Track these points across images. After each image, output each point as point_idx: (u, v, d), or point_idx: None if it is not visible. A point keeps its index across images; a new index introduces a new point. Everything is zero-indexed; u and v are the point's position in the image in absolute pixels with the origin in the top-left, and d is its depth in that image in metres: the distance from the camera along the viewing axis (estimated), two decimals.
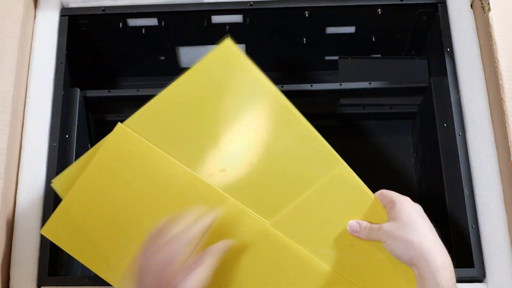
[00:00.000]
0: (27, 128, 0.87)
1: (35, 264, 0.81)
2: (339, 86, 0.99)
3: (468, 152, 0.85)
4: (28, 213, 0.83)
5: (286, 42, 1.05)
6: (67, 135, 0.91)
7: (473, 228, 0.81)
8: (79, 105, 0.95)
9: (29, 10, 0.92)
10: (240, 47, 1.05)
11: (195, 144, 0.74)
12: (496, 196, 0.81)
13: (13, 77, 0.84)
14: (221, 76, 0.75)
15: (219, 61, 0.75)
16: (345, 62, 1.05)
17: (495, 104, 0.84)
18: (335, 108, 1.07)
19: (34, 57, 0.91)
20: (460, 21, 0.92)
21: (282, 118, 0.75)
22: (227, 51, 0.75)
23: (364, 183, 0.75)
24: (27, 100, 0.89)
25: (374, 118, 1.08)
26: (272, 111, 0.75)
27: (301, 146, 0.74)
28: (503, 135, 0.80)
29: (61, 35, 0.94)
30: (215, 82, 0.75)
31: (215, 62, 0.75)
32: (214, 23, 0.99)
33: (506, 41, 0.81)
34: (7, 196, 0.80)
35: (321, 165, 0.74)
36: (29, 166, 0.85)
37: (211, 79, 0.75)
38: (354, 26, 1.01)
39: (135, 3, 0.96)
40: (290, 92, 0.98)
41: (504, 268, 0.78)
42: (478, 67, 0.89)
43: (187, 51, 1.08)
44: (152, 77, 1.13)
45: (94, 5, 0.96)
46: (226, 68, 0.75)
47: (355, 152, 1.08)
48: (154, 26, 0.99)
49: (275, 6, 0.96)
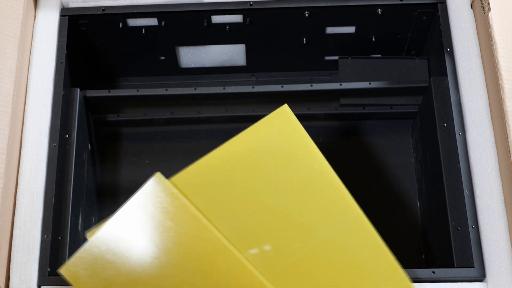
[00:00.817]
0: (27, 128, 0.87)
1: (35, 264, 0.81)
2: (339, 86, 0.99)
3: (468, 152, 0.85)
4: (28, 213, 0.83)
5: (286, 42, 1.05)
6: (67, 135, 0.91)
7: (473, 228, 0.81)
8: (79, 105, 0.95)
9: (29, 10, 0.92)
10: (240, 47, 1.06)
11: (239, 213, 0.70)
12: (496, 196, 0.81)
13: (13, 77, 0.84)
14: (274, 144, 0.71)
15: (274, 127, 0.71)
16: (345, 62, 1.05)
17: (495, 104, 0.84)
18: (335, 108, 1.07)
19: (34, 57, 0.91)
20: (460, 21, 0.92)
21: (333, 200, 0.71)
22: (283, 117, 0.71)
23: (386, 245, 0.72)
24: (27, 100, 0.89)
25: (374, 118, 1.08)
26: (324, 192, 0.71)
27: (350, 234, 0.70)
28: (503, 135, 0.80)
29: (61, 35, 0.94)
30: (267, 149, 0.71)
31: (270, 128, 0.71)
32: (214, 23, 0.99)
33: (506, 41, 0.81)
34: (7, 196, 0.80)
35: (369, 257, 0.70)
36: (29, 166, 0.85)
37: (263, 145, 0.71)
38: (354, 26, 1.01)
39: (135, 3, 0.96)
40: (290, 92, 0.99)
41: (504, 268, 0.78)
42: (478, 67, 0.89)
43: (187, 51, 1.08)
44: (152, 77, 1.13)
45: (94, 5, 0.96)
46: (280, 136, 0.71)
47: (355, 152, 1.08)
48: (154, 26, 0.99)
49: (275, 6, 0.96)
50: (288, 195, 0.70)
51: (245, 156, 0.71)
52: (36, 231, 0.82)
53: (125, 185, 1.07)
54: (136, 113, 1.09)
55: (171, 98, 1.01)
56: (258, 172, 0.71)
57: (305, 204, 0.70)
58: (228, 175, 0.71)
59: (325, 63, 1.10)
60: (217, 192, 0.70)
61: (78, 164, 0.93)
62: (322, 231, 0.70)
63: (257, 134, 0.71)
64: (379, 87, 0.99)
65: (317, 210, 0.70)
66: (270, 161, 0.71)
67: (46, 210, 0.83)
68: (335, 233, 0.70)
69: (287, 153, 0.71)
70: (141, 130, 1.11)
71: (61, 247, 0.86)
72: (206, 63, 1.10)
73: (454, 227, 0.85)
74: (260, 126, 0.72)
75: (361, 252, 0.71)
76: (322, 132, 1.10)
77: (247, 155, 0.71)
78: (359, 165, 1.07)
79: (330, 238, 0.70)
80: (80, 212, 0.94)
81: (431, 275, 0.79)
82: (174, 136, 1.10)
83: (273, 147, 0.71)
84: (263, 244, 0.69)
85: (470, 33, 0.91)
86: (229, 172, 0.71)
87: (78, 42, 1.01)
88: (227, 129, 1.08)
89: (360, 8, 0.96)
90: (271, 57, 1.09)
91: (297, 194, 0.70)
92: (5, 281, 0.79)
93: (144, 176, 1.07)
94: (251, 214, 0.69)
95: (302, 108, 1.08)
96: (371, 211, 1.03)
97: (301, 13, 0.97)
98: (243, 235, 0.69)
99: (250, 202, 0.70)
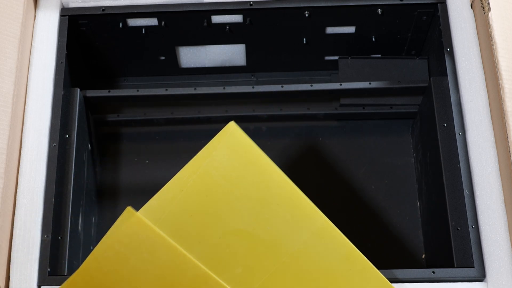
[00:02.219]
0: (27, 128, 0.87)
1: (35, 264, 0.81)
2: (339, 86, 0.99)
3: (468, 152, 0.85)
4: (28, 213, 0.83)
5: (286, 42, 1.05)
6: (67, 135, 0.91)
7: (473, 228, 0.81)
8: (79, 105, 0.95)
9: (29, 10, 0.92)
10: (240, 47, 1.06)
11: (204, 241, 0.68)
12: (496, 196, 0.81)
13: (13, 77, 0.84)
14: (227, 164, 0.69)
15: (223, 148, 0.69)
16: (345, 62, 1.05)
17: (495, 104, 0.84)
18: (335, 108, 1.07)
19: (34, 57, 0.91)
20: (460, 21, 0.92)
21: (295, 211, 0.69)
22: (231, 136, 0.69)
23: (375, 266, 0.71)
24: (27, 100, 0.89)
25: (374, 118, 1.08)
26: (285, 204, 0.69)
27: (318, 242, 0.69)
28: (503, 135, 0.80)
29: (61, 35, 0.94)
30: (221, 171, 0.69)
31: (220, 149, 0.69)
32: (214, 23, 0.99)
33: (506, 41, 0.81)
34: (7, 196, 0.80)
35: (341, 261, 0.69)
36: (29, 166, 0.85)
37: (216, 168, 0.69)
38: (354, 26, 1.01)
39: (135, 3, 0.96)
40: (290, 92, 0.99)
41: (504, 268, 0.78)
42: (478, 67, 0.89)
43: (187, 51, 1.08)
44: (152, 77, 1.13)
45: (94, 5, 0.96)
46: (231, 156, 0.69)
47: (355, 152, 1.08)
48: (154, 26, 0.99)
49: (275, 6, 0.96)
50: (249, 213, 0.69)
51: (200, 182, 0.69)
52: (36, 231, 0.82)
53: (125, 185, 1.07)
54: (136, 113, 1.09)
55: (171, 98, 1.01)
56: (216, 196, 0.69)
57: (268, 220, 0.69)
58: (187, 205, 0.69)
59: (325, 63, 1.10)
60: (179, 223, 0.69)
61: (78, 164, 0.93)
62: (290, 244, 0.69)
63: (208, 158, 0.69)
64: (379, 87, 0.99)
65: (281, 223, 0.69)
66: (226, 183, 0.69)
67: (46, 210, 0.83)
68: (303, 243, 0.69)
69: (241, 171, 0.69)
70: (141, 130, 1.11)
71: (61, 247, 0.86)
72: (206, 63, 1.10)
73: (454, 227, 0.85)
74: (210, 149, 0.69)
75: (332, 258, 0.70)
76: (322, 132, 1.10)
77: (201, 181, 0.69)
78: (359, 165, 1.07)
79: (299, 249, 0.69)
80: (80, 212, 0.94)
81: (431, 275, 0.79)
82: (174, 136, 1.10)
83: (227, 168, 0.69)
84: (233, 268, 0.68)
85: (470, 33, 0.91)
86: (187, 201, 0.69)
87: (78, 42, 1.01)
88: None
89: (360, 8, 0.97)
90: (271, 57, 1.09)
91: (258, 212, 0.69)
92: (5, 281, 0.79)
93: (144, 176, 1.08)
94: (217, 240, 0.68)
95: (302, 108, 1.08)
96: (371, 211, 1.04)
97: (301, 13, 0.97)
98: (212, 262, 0.68)
99: (214, 228, 0.69)
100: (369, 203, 1.04)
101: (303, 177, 1.06)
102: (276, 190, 0.69)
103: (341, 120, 1.10)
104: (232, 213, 0.69)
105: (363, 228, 1.03)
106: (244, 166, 0.69)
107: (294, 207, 0.69)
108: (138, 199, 1.05)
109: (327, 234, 0.70)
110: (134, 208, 0.69)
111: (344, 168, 1.07)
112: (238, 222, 0.69)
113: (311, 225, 0.69)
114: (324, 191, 1.05)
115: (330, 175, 1.06)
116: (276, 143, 1.09)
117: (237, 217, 0.69)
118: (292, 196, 0.69)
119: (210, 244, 0.68)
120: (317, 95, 1.01)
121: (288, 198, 0.69)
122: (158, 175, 1.07)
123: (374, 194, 1.05)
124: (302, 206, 0.69)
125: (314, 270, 0.69)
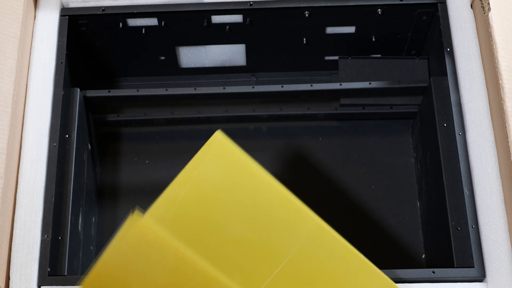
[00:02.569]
0: (27, 128, 0.87)
1: (35, 264, 0.81)
2: (339, 86, 0.99)
3: (468, 152, 0.85)
4: (28, 213, 0.83)
5: (286, 42, 1.05)
6: (67, 135, 0.91)
7: (473, 228, 0.81)
8: (79, 105, 0.95)
9: (29, 10, 0.92)
10: (240, 47, 1.06)
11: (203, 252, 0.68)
12: (496, 196, 0.81)
13: (13, 77, 0.84)
14: (217, 174, 0.69)
15: (211, 158, 0.69)
16: (345, 62, 1.05)
17: (495, 104, 0.84)
18: (335, 108, 1.07)
19: (34, 57, 0.91)
20: (460, 21, 0.92)
21: (289, 215, 0.69)
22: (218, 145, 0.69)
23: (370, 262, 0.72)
24: (27, 100, 0.89)
25: (374, 118, 1.08)
26: (278, 209, 0.69)
27: (314, 244, 0.69)
28: (503, 135, 0.80)
29: (61, 35, 0.94)
30: (212, 182, 0.69)
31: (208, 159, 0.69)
32: (214, 23, 0.99)
33: (506, 41, 0.81)
34: (7, 196, 0.80)
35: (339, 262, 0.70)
36: (29, 166, 0.85)
37: (206, 179, 0.69)
38: (354, 26, 1.01)
39: (135, 3, 0.96)
40: (290, 92, 0.99)
41: (504, 268, 0.78)
42: (478, 67, 0.89)
43: (187, 51, 1.08)
44: (152, 77, 1.13)
45: (94, 5, 0.96)
46: (220, 165, 0.69)
47: (355, 152, 1.08)
48: (154, 26, 0.99)
49: (275, 6, 0.96)
50: (243, 221, 0.69)
51: (191, 194, 0.69)
52: (36, 231, 0.82)
53: (125, 185, 1.07)
54: (136, 113, 1.09)
55: (171, 98, 1.01)
56: (209, 207, 0.69)
57: (263, 226, 0.69)
58: (180, 218, 0.69)
59: (325, 63, 1.10)
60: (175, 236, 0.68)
61: (78, 164, 0.93)
62: (287, 248, 0.69)
63: (197, 169, 0.69)
64: (379, 87, 0.99)
65: (275, 229, 0.69)
66: (217, 193, 0.69)
67: (46, 210, 0.83)
68: (300, 247, 0.69)
69: (231, 180, 0.70)
70: (141, 130, 1.11)
71: (61, 247, 0.86)
72: (206, 63, 1.10)
73: (454, 227, 0.85)
74: (198, 159, 0.70)
75: (330, 259, 0.70)
76: (322, 132, 1.10)
77: (193, 193, 0.69)
78: (359, 165, 1.07)
79: (296, 253, 0.69)
80: (80, 212, 0.94)
81: (431, 275, 0.79)
82: (174, 136, 1.10)
83: (216, 178, 0.69)
84: (233, 276, 0.68)
85: (470, 33, 0.91)
86: (180, 215, 0.69)
87: (78, 42, 1.01)
88: (227, 129, 1.08)
89: (360, 8, 0.97)
90: (271, 57, 1.09)
91: (252, 219, 0.69)
92: (5, 281, 0.79)
93: (144, 176, 1.08)
94: (213, 251, 0.68)
95: (302, 108, 1.08)
96: (371, 211, 1.04)
97: (301, 13, 0.97)
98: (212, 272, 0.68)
99: (209, 239, 0.69)
100: (369, 203, 1.04)
101: (303, 178, 1.06)
102: (267, 196, 0.69)
103: (341, 120, 1.10)
104: (226, 222, 0.69)
105: (363, 228, 1.03)
106: (233, 175, 0.69)
107: (286, 211, 0.69)
108: (138, 199, 1.05)
109: (322, 235, 0.70)
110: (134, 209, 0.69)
111: (344, 168, 1.07)
112: (233, 231, 0.69)
113: (305, 228, 0.69)
114: (324, 191, 1.05)
115: (330, 175, 1.06)
116: (276, 143, 1.09)
117: (232, 226, 0.69)
118: (284, 200, 0.69)
119: (207, 256, 0.68)
120: (317, 95, 1.01)
121: (280, 203, 0.69)
122: (158, 175, 1.07)
123: (374, 194, 1.05)
124: (294, 209, 0.69)
125: (313, 272, 0.70)
